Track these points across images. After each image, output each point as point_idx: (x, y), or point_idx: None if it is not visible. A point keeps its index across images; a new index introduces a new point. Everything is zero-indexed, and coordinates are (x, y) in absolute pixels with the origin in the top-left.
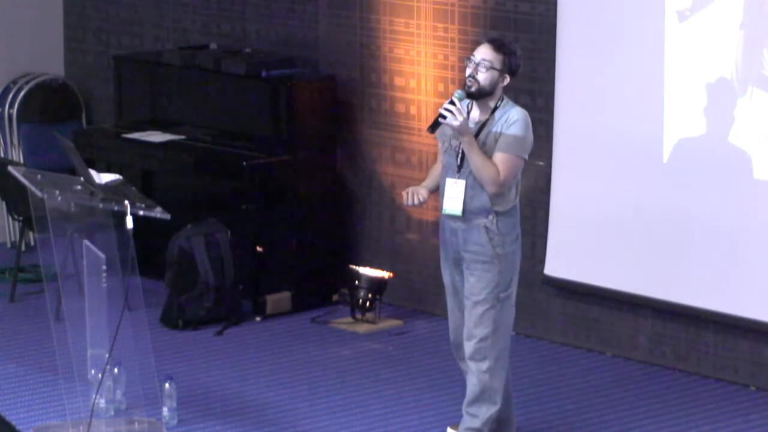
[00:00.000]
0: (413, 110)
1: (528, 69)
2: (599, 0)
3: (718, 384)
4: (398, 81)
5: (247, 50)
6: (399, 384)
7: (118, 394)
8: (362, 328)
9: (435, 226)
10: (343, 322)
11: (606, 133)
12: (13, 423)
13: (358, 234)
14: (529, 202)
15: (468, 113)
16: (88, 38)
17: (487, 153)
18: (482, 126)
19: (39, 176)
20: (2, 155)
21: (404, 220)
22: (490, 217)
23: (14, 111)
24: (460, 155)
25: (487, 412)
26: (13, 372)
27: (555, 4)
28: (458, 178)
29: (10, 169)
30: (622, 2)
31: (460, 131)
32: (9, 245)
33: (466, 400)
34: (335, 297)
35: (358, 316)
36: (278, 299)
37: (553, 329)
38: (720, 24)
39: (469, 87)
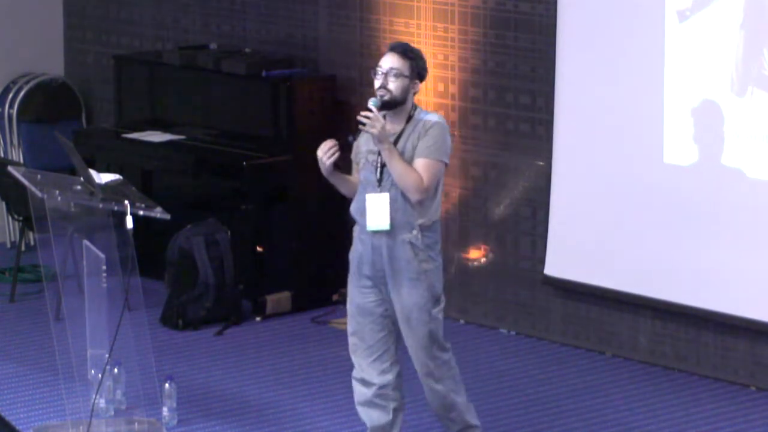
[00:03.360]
0: None
1: (528, 69)
2: (599, 0)
3: (718, 384)
4: None
5: (247, 50)
6: None
7: (118, 394)
8: None
9: None
10: (343, 322)
11: (606, 133)
12: (13, 423)
13: None
14: (529, 202)
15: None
16: (88, 38)
17: (407, 162)
18: (399, 135)
19: (39, 176)
20: (2, 155)
21: None
22: (414, 231)
23: (14, 111)
24: (379, 169)
25: (459, 413)
26: (13, 372)
27: (555, 4)
28: (380, 192)
29: (10, 169)
30: (622, 2)
31: (379, 138)
32: (9, 245)
33: (436, 414)
34: (335, 297)
35: None
36: (278, 299)
37: (553, 329)
38: (720, 24)
39: (383, 96)
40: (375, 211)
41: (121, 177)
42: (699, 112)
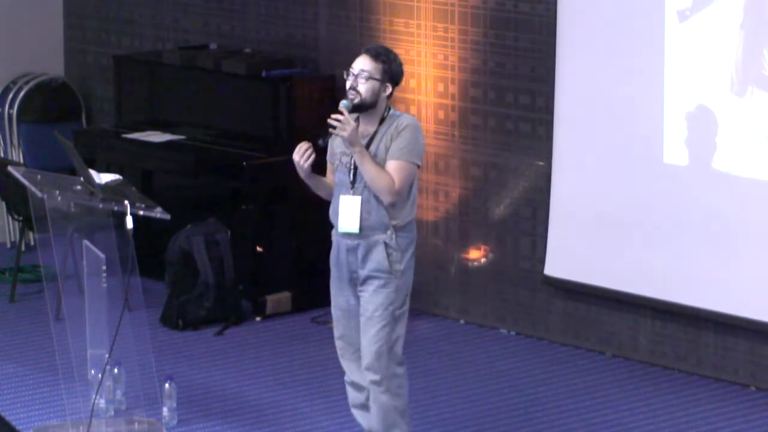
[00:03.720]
0: (413, 110)
1: (528, 69)
2: (599, 0)
3: (718, 384)
4: None
5: (247, 50)
6: None
7: (118, 394)
8: None
9: (434, 226)
10: None
11: (606, 133)
12: (13, 423)
13: None
14: (529, 202)
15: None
16: (88, 38)
17: (380, 164)
18: (371, 138)
19: (39, 176)
20: (2, 155)
21: None
22: (389, 232)
23: (14, 111)
24: (352, 171)
25: None
26: (13, 372)
27: (555, 4)
28: (352, 194)
29: (10, 169)
30: (622, 2)
31: (350, 141)
32: (9, 245)
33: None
34: None
35: None
36: (278, 299)
37: (553, 329)
38: (720, 24)
39: (352, 99)
40: (347, 214)
41: (121, 177)
42: (699, 112)
